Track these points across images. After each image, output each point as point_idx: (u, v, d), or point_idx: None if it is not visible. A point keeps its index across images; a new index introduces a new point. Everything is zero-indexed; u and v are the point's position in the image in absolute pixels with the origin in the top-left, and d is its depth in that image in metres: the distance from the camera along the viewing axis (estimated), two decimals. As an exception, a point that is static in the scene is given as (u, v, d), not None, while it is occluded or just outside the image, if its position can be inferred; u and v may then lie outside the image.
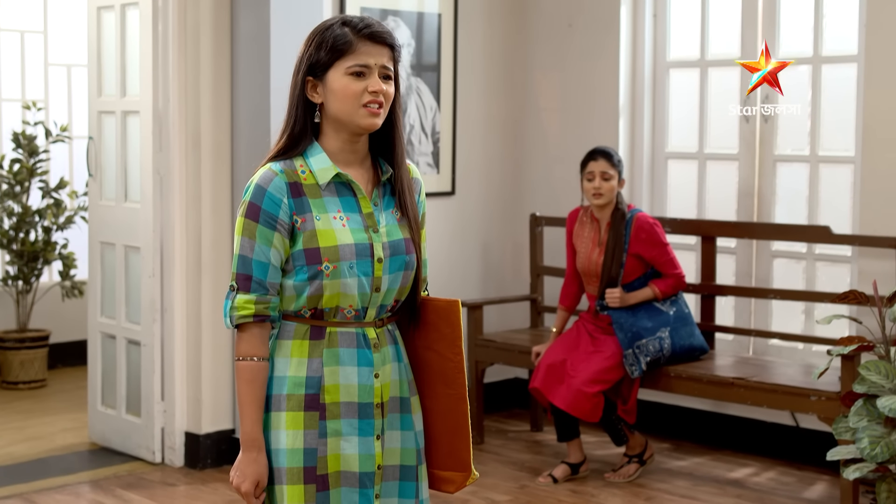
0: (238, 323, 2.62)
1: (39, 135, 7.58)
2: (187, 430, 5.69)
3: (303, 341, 2.65)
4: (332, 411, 2.64)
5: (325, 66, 2.64)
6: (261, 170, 2.66)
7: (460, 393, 2.77)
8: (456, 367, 2.76)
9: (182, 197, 5.59)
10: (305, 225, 2.62)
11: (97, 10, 5.96)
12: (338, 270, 2.61)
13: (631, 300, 5.44)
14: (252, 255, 2.61)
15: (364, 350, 2.67)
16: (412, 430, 2.76)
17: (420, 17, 6.33)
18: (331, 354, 2.65)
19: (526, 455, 5.94)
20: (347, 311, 2.65)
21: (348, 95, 2.62)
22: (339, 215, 2.65)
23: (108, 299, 6.03)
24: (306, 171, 2.66)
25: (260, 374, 2.62)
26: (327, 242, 2.62)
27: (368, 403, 2.67)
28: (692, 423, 6.19)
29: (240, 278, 2.62)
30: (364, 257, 2.64)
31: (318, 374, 2.64)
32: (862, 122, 5.53)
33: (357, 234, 2.65)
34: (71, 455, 5.92)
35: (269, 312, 2.63)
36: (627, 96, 6.42)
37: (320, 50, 2.64)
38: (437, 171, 6.49)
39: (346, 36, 2.64)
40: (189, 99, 5.56)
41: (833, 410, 4.90)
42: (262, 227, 2.61)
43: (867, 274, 5.44)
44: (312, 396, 2.64)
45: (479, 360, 6.15)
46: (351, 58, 2.63)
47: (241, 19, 5.54)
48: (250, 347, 2.62)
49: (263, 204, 2.61)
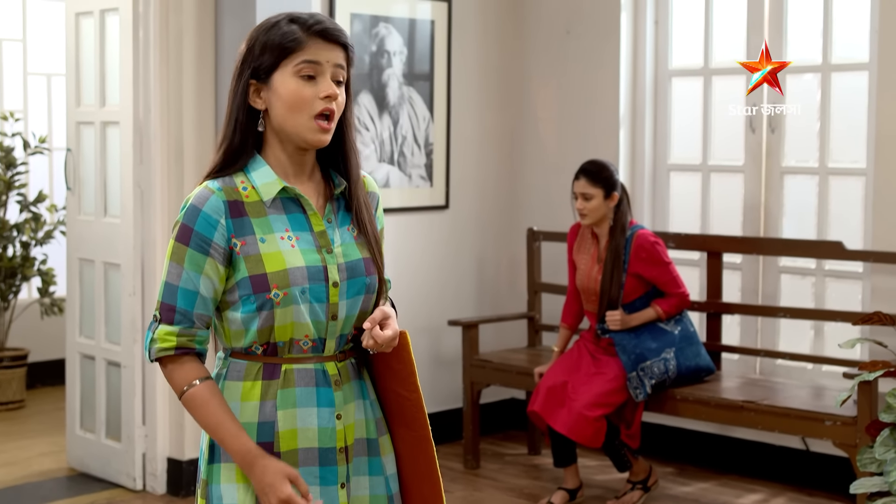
0: (159, 356, 2.36)
1: (17, 146, 7.41)
2: (169, 456, 5.50)
3: (255, 382, 2.38)
4: (288, 460, 2.37)
5: (271, 67, 2.36)
6: (197, 188, 2.39)
7: (423, 434, 2.48)
8: (414, 406, 2.46)
9: (164, 212, 5.41)
10: (247, 248, 2.35)
11: (75, 16, 5.78)
12: (289, 297, 2.34)
13: (633, 322, 5.23)
14: (179, 283, 2.35)
15: (323, 388, 2.40)
16: (382, 474, 2.48)
17: (412, 23, 6.12)
18: (285, 395, 2.37)
19: (524, 480, 5.74)
20: (304, 343, 2.38)
21: (297, 102, 2.34)
22: (286, 235, 2.38)
23: (87, 318, 5.85)
24: (248, 187, 2.39)
25: (212, 391, 2.36)
26: (275, 267, 2.34)
27: (330, 448, 2.40)
28: (697, 447, 5.99)
29: (163, 308, 2.36)
30: (317, 281, 2.37)
31: (271, 419, 2.37)
32: (874, 132, 5.34)
33: (308, 256, 2.38)
34: (48, 482, 5.72)
35: (195, 346, 2.36)
36: (628, 106, 6.22)
37: (265, 49, 2.36)
38: (431, 183, 6.28)
39: (294, 33, 2.35)
40: (171, 109, 5.37)
41: (849, 436, 4.69)
42: (192, 251, 2.34)
43: (880, 291, 5.26)
44: (265, 445, 2.36)
45: (474, 381, 5.94)
46: (299, 55, 2.35)
47: (226, 25, 5.34)
48: (184, 375, 2.36)
49: (196, 226, 2.34)
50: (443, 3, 6.24)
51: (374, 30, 5.93)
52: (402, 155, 6.13)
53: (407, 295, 6.03)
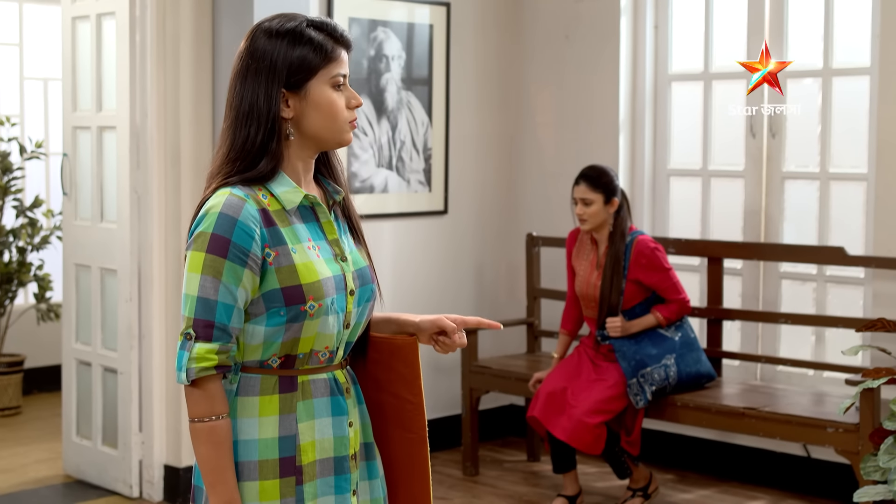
0: (198, 377, 2.24)
1: (14, 151, 7.36)
2: (166, 463, 5.46)
3: (272, 396, 2.31)
4: (308, 473, 2.33)
5: (307, 76, 2.30)
6: (220, 196, 2.28)
7: (421, 435, 2.48)
8: (416, 409, 2.47)
9: (161, 217, 5.36)
10: (280, 259, 2.28)
11: (72, 20, 5.74)
12: (322, 308, 2.29)
13: (633, 329, 5.19)
14: (216, 297, 2.23)
15: (337, 397, 2.38)
16: (378, 477, 2.49)
17: (411, 28, 6.08)
18: (305, 407, 2.33)
19: (523, 487, 5.70)
20: (322, 355, 2.34)
21: (336, 111, 2.32)
22: (311, 245, 2.33)
23: (83, 325, 5.80)
24: (267, 195, 2.32)
25: (226, 433, 2.26)
26: (309, 278, 2.29)
27: (344, 457, 2.38)
28: (697, 453, 5.94)
29: (198, 325, 2.24)
30: (341, 291, 2.34)
31: (292, 432, 2.31)
32: (875, 137, 5.30)
33: (332, 265, 2.34)
34: (44, 489, 5.67)
35: (230, 363, 2.27)
36: (627, 111, 6.18)
37: (299, 59, 2.30)
38: (429, 189, 6.24)
39: (327, 43, 2.32)
40: (168, 113, 5.33)
41: (851, 443, 4.65)
42: (231, 263, 2.24)
43: (882, 297, 5.22)
44: (288, 460, 2.31)
45: (473, 388, 5.90)
46: (334, 66, 2.32)
47: (223, 29, 5.30)
48: (211, 405, 2.25)
49: (234, 236, 2.24)
50: (441, 8, 6.21)
51: (372, 34, 5.90)
52: (401, 160, 6.09)
53: (405, 301, 5.99)
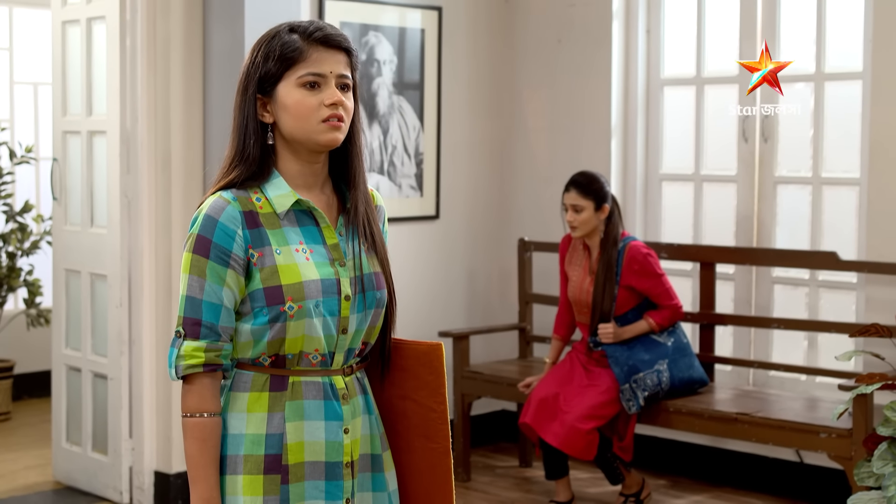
0: (186, 374, 2.30)
1: (3, 156, 7.34)
2: (157, 470, 5.42)
3: (261, 393, 2.34)
4: (295, 473, 2.33)
5: (274, 80, 2.35)
6: (209, 198, 2.35)
7: (444, 446, 2.46)
8: (440, 418, 2.46)
9: (151, 222, 5.34)
10: (263, 260, 2.32)
11: (62, 24, 5.72)
12: (303, 310, 2.31)
13: (625, 335, 5.17)
14: (202, 297, 2.30)
15: (331, 402, 2.37)
16: (385, 490, 2.46)
17: (402, 32, 6.07)
18: (294, 408, 2.34)
19: (515, 493, 5.68)
20: (313, 357, 2.35)
21: (303, 111, 2.32)
22: (301, 247, 2.35)
23: (73, 330, 5.77)
24: (261, 198, 2.36)
25: (214, 431, 2.31)
26: (290, 279, 2.32)
27: (337, 463, 2.37)
28: (690, 459, 5.93)
29: (187, 323, 2.31)
30: (330, 295, 2.35)
31: (279, 430, 2.33)
32: (868, 141, 5.30)
33: (322, 269, 2.36)
34: (33, 496, 5.64)
35: (221, 361, 2.32)
36: (620, 115, 6.17)
37: (267, 62, 2.35)
38: (421, 193, 6.23)
39: (294, 42, 2.33)
40: (159, 118, 5.30)
41: (844, 449, 4.64)
42: (213, 263, 2.30)
43: (875, 302, 5.21)
44: (273, 457, 2.33)
45: (465, 394, 5.88)
46: (302, 66, 2.33)
47: (214, 33, 5.27)
48: (200, 401, 2.31)
49: (214, 237, 2.30)
50: (433, 12, 6.19)
51: (363, 38, 5.88)
52: (392, 165, 6.07)
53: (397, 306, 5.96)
